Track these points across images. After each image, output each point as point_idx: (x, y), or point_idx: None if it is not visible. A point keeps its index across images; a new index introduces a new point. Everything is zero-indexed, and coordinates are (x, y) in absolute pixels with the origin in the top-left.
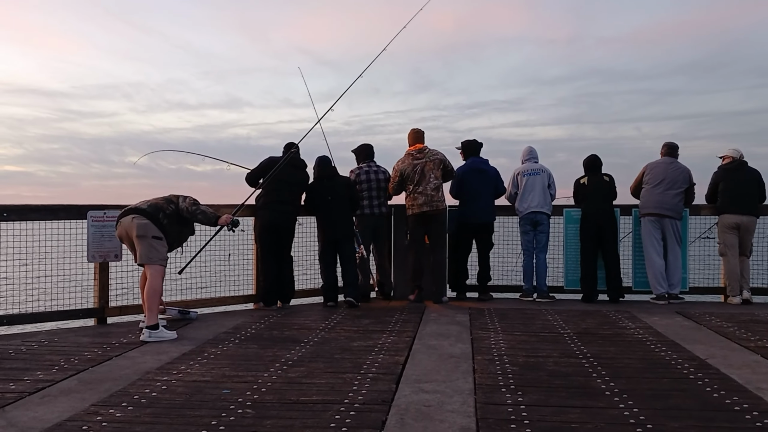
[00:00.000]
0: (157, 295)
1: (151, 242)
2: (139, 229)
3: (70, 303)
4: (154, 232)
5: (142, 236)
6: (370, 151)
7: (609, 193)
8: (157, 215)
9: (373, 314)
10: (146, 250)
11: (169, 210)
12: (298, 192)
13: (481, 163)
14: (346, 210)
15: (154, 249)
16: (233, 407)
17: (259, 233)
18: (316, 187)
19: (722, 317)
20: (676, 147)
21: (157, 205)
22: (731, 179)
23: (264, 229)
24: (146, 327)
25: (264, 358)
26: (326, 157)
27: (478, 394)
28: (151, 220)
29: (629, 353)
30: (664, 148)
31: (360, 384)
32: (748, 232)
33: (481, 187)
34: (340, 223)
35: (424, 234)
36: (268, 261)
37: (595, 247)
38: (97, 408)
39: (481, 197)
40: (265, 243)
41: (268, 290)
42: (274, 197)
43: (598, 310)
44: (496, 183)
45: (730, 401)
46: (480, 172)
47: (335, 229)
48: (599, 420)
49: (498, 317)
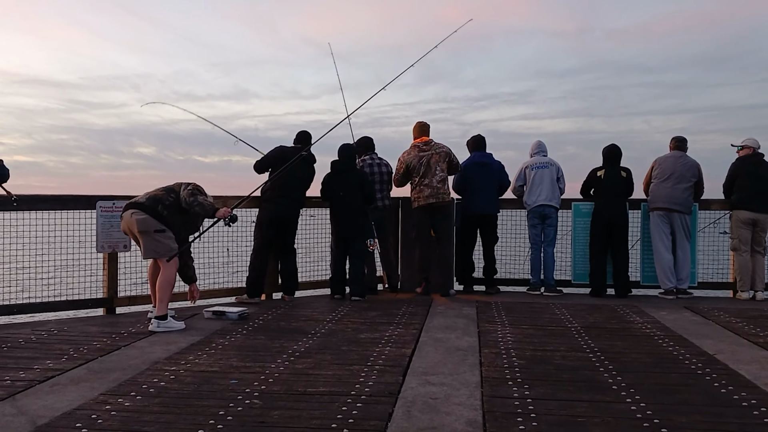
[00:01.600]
0: (170, 286)
1: (154, 236)
2: (140, 225)
3: (79, 293)
4: (155, 225)
5: (144, 231)
6: (371, 143)
7: (624, 189)
8: (156, 207)
9: (380, 307)
10: (151, 244)
11: (168, 201)
12: (306, 187)
13: (484, 157)
14: (358, 206)
15: (159, 242)
16: (241, 398)
17: (262, 225)
18: (331, 179)
19: (731, 313)
20: (685, 141)
21: (156, 197)
22: (751, 174)
23: (268, 221)
24: (155, 317)
25: (271, 349)
26: (348, 146)
27: (485, 387)
28: (150, 214)
29: (637, 348)
30: (673, 142)
31: (367, 376)
32: (763, 230)
33: (483, 181)
34: (350, 219)
35: (430, 227)
36: (263, 254)
37: (606, 243)
38: (106, 397)
39: (483, 190)
40: (266, 236)
41: (255, 282)
42: (282, 191)
43: (606, 305)
44: (500, 176)
45: (738, 397)
46: (482, 165)
47: (344, 226)
48: (606, 414)
49: (505, 311)
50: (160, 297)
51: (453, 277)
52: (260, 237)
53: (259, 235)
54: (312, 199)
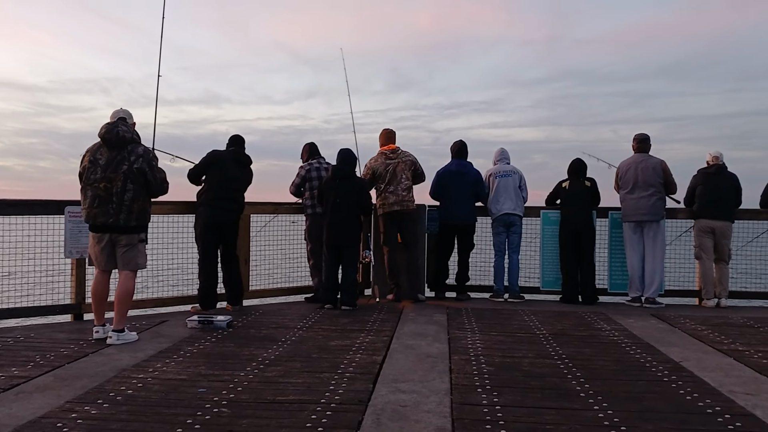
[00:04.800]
0: (132, 298)
1: (138, 247)
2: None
3: (46, 299)
4: (142, 235)
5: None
6: (316, 149)
7: (588, 198)
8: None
9: (351, 313)
10: (134, 255)
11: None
12: (243, 189)
13: (461, 166)
14: (353, 216)
15: (142, 253)
16: (209, 406)
17: (201, 232)
18: (327, 185)
19: (696, 320)
20: (647, 139)
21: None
22: (709, 183)
23: (206, 227)
24: (114, 330)
25: (241, 356)
26: (347, 151)
27: (454, 395)
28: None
29: (604, 355)
30: (635, 143)
31: (337, 384)
32: (724, 237)
33: (457, 190)
34: (343, 229)
35: (397, 233)
36: (208, 261)
37: (573, 252)
38: (72, 405)
39: (458, 199)
40: (206, 242)
41: (207, 293)
42: (218, 194)
43: (574, 312)
44: (476, 186)
45: (703, 404)
46: (459, 174)
47: (337, 235)
48: (574, 421)
49: (475, 317)
50: (121, 310)
51: (424, 283)
52: (202, 243)
53: (200, 242)
54: (286, 204)
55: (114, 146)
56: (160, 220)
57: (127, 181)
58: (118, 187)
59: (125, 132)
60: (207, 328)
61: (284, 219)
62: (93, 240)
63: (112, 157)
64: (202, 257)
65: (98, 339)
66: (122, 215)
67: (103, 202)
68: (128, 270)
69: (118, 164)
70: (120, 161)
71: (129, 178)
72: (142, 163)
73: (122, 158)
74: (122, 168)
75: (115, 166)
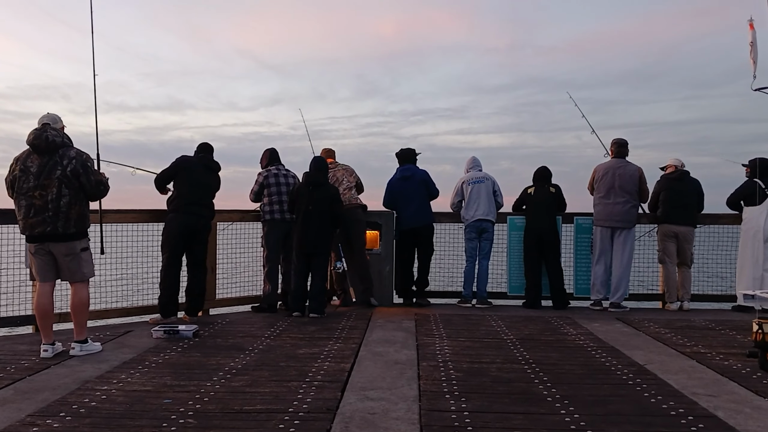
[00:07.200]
0: (88, 307)
1: (81, 256)
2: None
3: (7, 310)
4: (85, 243)
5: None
6: (276, 155)
7: (553, 204)
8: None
9: (319, 321)
10: (79, 265)
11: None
12: (212, 195)
13: (406, 171)
14: (324, 224)
15: (88, 262)
16: (175, 417)
17: (169, 238)
18: (299, 192)
19: (660, 323)
20: (625, 145)
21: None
22: (673, 189)
23: (176, 233)
24: (77, 341)
25: (207, 366)
26: (320, 159)
27: (423, 401)
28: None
29: (570, 359)
30: (614, 147)
31: (305, 392)
32: (686, 242)
33: (408, 193)
34: (314, 237)
35: (346, 236)
36: (173, 270)
37: (538, 257)
38: (33, 419)
39: (411, 202)
40: (174, 249)
41: (168, 301)
42: (189, 200)
43: (541, 316)
44: (425, 186)
45: (667, 406)
46: (405, 179)
47: (307, 243)
48: (541, 426)
49: (443, 323)
50: (80, 320)
51: (372, 285)
52: (169, 251)
53: (167, 249)
54: (253, 212)
55: (44, 152)
56: (123, 229)
57: (62, 187)
58: (53, 194)
59: (54, 136)
60: (173, 338)
61: (249, 227)
62: (31, 251)
63: (43, 164)
64: (167, 264)
65: (45, 358)
66: (60, 223)
67: (39, 212)
68: (77, 281)
69: (51, 170)
70: (53, 167)
71: (63, 183)
72: (75, 165)
73: (54, 163)
74: (56, 173)
75: (48, 173)
